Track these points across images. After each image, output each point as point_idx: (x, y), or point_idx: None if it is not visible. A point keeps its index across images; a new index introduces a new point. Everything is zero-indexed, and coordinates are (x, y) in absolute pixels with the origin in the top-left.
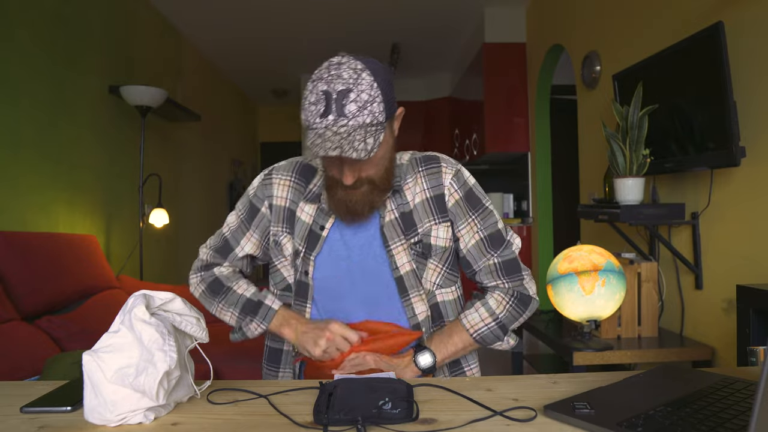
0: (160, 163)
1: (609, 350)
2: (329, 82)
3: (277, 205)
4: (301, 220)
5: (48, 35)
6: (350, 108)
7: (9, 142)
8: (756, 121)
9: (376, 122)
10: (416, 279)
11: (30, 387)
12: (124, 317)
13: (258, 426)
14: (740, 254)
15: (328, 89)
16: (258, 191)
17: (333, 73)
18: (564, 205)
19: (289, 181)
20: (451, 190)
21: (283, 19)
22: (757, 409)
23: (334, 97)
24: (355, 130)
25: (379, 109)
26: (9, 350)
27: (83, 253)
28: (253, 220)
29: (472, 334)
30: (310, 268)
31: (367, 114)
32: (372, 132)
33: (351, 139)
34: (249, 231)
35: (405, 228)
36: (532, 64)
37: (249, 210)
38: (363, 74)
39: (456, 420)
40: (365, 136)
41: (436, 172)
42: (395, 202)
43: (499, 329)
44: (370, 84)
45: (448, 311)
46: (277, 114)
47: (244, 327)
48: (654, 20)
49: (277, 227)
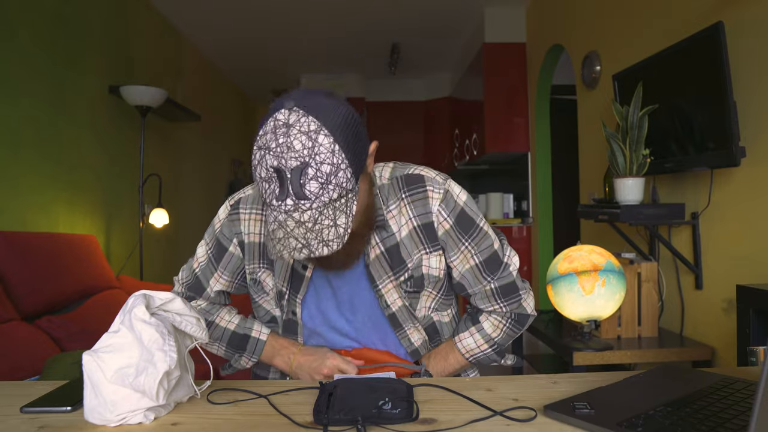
0: (160, 163)
1: (609, 350)
2: (279, 157)
3: (249, 242)
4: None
5: (48, 35)
6: (311, 187)
7: (9, 142)
8: (756, 121)
9: (345, 193)
10: (410, 313)
11: (30, 387)
12: (124, 317)
13: (258, 426)
14: (740, 254)
15: (278, 165)
16: (224, 228)
17: (282, 143)
18: (564, 205)
19: (258, 215)
20: (440, 218)
21: (283, 19)
22: (757, 409)
23: (288, 176)
24: (321, 213)
25: (346, 177)
26: (9, 350)
27: (83, 253)
28: (221, 259)
29: (468, 359)
30: (297, 309)
31: (332, 189)
32: (342, 207)
33: (318, 229)
34: (217, 271)
35: (393, 264)
36: (532, 64)
37: (216, 247)
38: (319, 138)
39: (456, 420)
40: (335, 217)
41: (422, 197)
42: (380, 235)
43: (495, 354)
44: (330, 149)
45: (444, 331)
46: None
47: (234, 363)
48: (654, 20)
49: (253, 264)
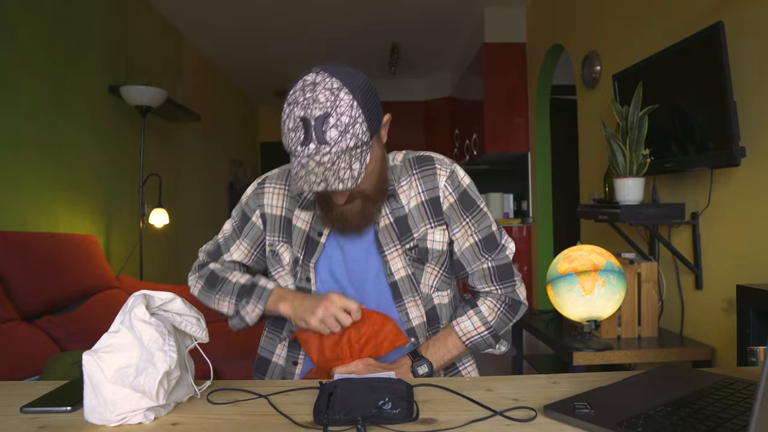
0: (160, 163)
1: (609, 350)
2: (306, 107)
3: (271, 215)
4: (298, 227)
5: (48, 35)
6: (331, 134)
7: (9, 142)
8: (756, 121)
9: (360, 144)
10: (412, 284)
11: (30, 387)
12: (124, 317)
13: (258, 426)
14: (740, 254)
15: (305, 115)
16: (250, 200)
17: (308, 96)
18: (564, 205)
19: (282, 189)
20: (445, 192)
21: (283, 19)
22: (757, 409)
23: (312, 123)
24: (339, 157)
25: (362, 130)
26: (9, 350)
27: (83, 253)
28: (244, 228)
29: (464, 342)
30: (311, 275)
31: (350, 138)
32: (357, 155)
33: (336, 169)
34: (239, 239)
35: (400, 233)
36: (532, 64)
37: (241, 218)
38: (340, 94)
39: (456, 420)
40: (350, 162)
41: (431, 174)
42: (389, 206)
43: (491, 337)
44: (350, 104)
45: (443, 314)
46: (277, 114)
47: (241, 310)
48: (654, 20)
49: (273, 237)
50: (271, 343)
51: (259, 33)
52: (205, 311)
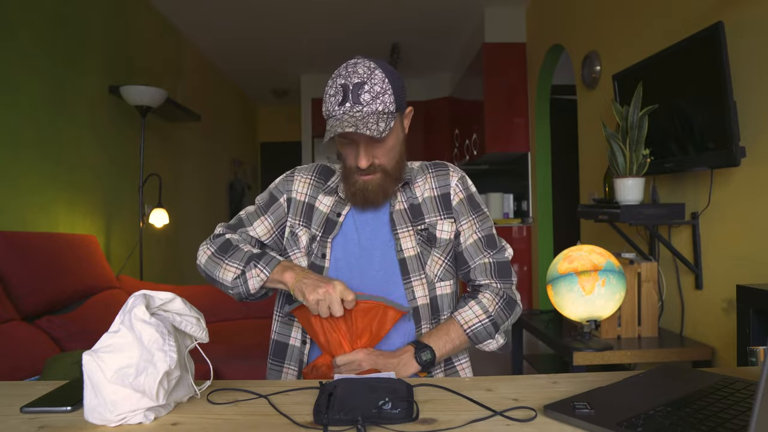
0: (160, 163)
1: (609, 350)
2: (346, 77)
3: (296, 199)
4: (319, 210)
5: (48, 35)
6: (365, 97)
7: (9, 142)
8: (756, 121)
9: (387, 111)
10: (419, 263)
11: (30, 387)
12: (124, 317)
13: (258, 426)
14: (740, 254)
15: (345, 82)
16: (279, 185)
17: (350, 70)
18: (564, 205)
19: (309, 179)
20: (456, 190)
21: (283, 19)
22: (757, 409)
23: (350, 88)
24: (369, 115)
25: (390, 100)
26: (9, 350)
27: (83, 253)
28: (270, 207)
29: (465, 330)
30: (327, 251)
31: (380, 103)
32: (384, 118)
33: (365, 121)
34: (264, 215)
35: (413, 217)
36: (532, 64)
37: (268, 199)
38: (376, 71)
39: (456, 420)
40: (377, 121)
41: (444, 174)
42: (405, 194)
43: (492, 326)
44: (382, 79)
45: (444, 305)
46: (277, 114)
47: (247, 273)
48: (654, 20)
49: (294, 219)
50: (286, 328)
51: (259, 33)
52: (205, 312)
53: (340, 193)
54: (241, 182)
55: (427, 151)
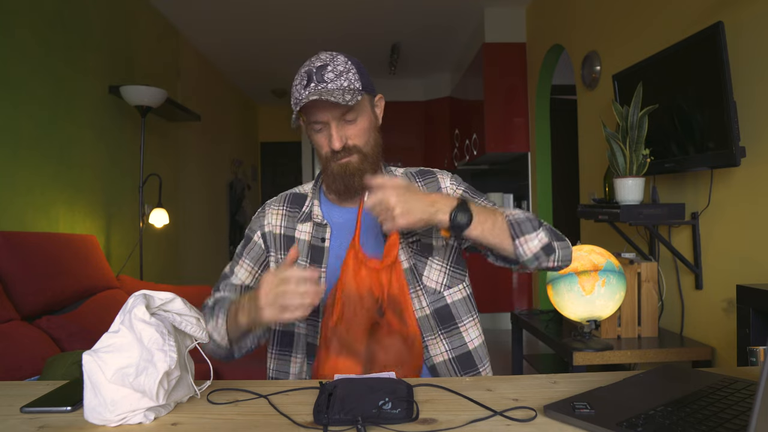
0: (160, 163)
1: (609, 350)
2: (309, 65)
3: (271, 233)
4: (300, 239)
5: (48, 35)
6: (328, 75)
7: (9, 141)
8: (756, 121)
9: (352, 87)
10: (414, 276)
11: (30, 387)
12: (124, 317)
13: (258, 426)
14: (740, 254)
15: (308, 68)
16: (252, 224)
17: (313, 59)
18: (564, 205)
19: (281, 210)
20: (451, 189)
21: (283, 19)
22: (757, 409)
23: (314, 71)
24: (334, 90)
25: (354, 78)
26: (9, 350)
27: (83, 253)
28: (246, 248)
29: (507, 216)
30: (322, 283)
31: (344, 80)
32: (349, 92)
33: (330, 93)
34: (242, 259)
35: (403, 230)
36: (532, 64)
37: (243, 243)
38: (338, 56)
39: (456, 420)
40: (343, 94)
41: (433, 180)
42: None
43: (537, 221)
44: (345, 61)
45: (460, 312)
46: (277, 114)
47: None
48: (654, 20)
49: (278, 254)
50: None
51: (259, 33)
52: None
53: (314, 219)
54: (241, 182)
55: (427, 151)
